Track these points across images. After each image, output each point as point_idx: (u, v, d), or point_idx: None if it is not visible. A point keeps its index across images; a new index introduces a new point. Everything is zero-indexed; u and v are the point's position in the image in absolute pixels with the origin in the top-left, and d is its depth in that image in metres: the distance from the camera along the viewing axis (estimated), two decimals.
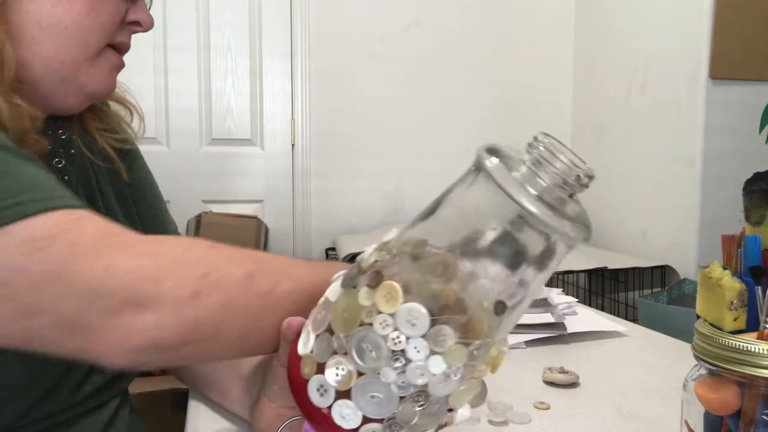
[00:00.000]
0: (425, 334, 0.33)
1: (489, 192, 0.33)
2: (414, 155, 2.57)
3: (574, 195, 0.34)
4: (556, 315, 0.91)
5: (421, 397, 0.34)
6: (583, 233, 0.33)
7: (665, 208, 2.15)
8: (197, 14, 2.37)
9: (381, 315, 0.34)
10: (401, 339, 0.33)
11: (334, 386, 0.35)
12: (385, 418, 0.35)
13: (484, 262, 0.35)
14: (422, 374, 0.34)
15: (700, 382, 0.40)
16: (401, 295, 0.34)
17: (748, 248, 0.40)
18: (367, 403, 0.35)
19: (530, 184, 0.33)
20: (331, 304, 0.37)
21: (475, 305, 0.35)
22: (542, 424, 0.62)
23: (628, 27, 2.37)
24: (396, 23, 2.54)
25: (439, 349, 0.34)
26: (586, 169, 0.33)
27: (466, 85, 2.62)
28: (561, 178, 0.33)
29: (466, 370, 0.35)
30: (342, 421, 0.35)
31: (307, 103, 2.47)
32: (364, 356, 0.34)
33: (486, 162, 0.33)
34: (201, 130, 2.41)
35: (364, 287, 0.35)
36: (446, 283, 0.34)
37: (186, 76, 2.37)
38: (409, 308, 0.33)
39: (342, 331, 0.35)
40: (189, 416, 0.65)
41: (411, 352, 0.34)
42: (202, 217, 2.17)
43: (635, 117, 2.31)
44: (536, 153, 0.33)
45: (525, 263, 0.35)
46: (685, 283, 1.99)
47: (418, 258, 0.35)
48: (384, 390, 0.34)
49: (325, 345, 0.36)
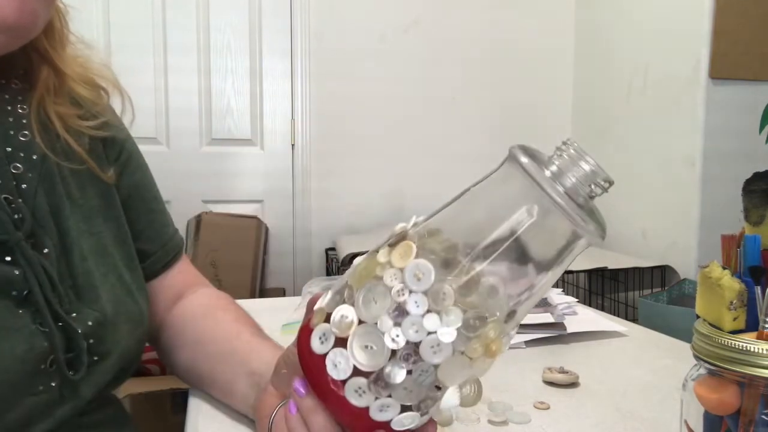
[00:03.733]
0: (427, 291, 0.35)
1: (521, 187, 0.35)
2: (414, 155, 2.57)
3: (594, 198, 0.37)
4: (556, 315, 0.91)
5: (411, 358, 0.36)
6: (600, 231, 0.36)
7: (665, 208, 2.15)
8: (197, 14, 2.37)
9: (392, 269, 0.36)
10: (405, 292, 0.35)
11: (335, 332, 0.37)
12: (374, 372, 0.36)
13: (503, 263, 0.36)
14: (417, 330, 0.35)
15: (700, 382, 0.40)
16: (414, 252, 0.36)
17: (747, 248, 0.40)
18: (360, 352, 0.36)
19: (559, 181, 0.36)
20: (354, 266, 0.40)
21: (491, 318, 0.36)
22: (542, 424, 0.62)
23: (628, 27, 2.37)
24: (396, 23, 2.54)
25: (437, 307, 0.35)
26: (606, 175, 0.36)
27: (466, 85, 2.62)
28: (586, 180, 0.36)
29: (459, 339, 0.35)
30: (333, 371, 0.37)
31: (307, 103, 2.47)
32: (369, 305, 0.36)
33: (521, 158, 0.35)
34: (201, 130, 2.41)
35: (384, 248, 0.38)
36: (467, 297, 0.36)
37: (186, 76, 2.37)
38: (418, 263, 0.35)
39: (356, 283, 0.38)
40: (189, 416, 0.65)
41: (411, 305, 0.35)
42: (202, 217, 2.17)
43: (635, 117, 2.31)
44: (565, 155, 0.36)
45: (543, 260, 0.37)
46: (685, 283, 1.99)
47: (449, 265, 0.36)
48: (378, 341, 0.36)
49: (337, 298, 0.39)
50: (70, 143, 0.58)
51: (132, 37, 2.30)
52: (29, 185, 0.54)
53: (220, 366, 0.63)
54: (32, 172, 0.54)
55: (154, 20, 2.34)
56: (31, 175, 0.54)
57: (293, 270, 2.52)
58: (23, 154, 0.55)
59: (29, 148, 0.55)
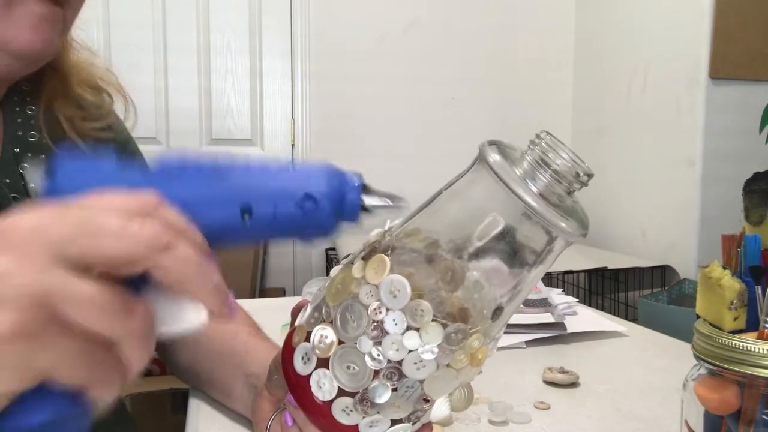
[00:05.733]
0: (404, 308, 0.34)
1: (491, 187, 0.33)
2: (414, 155, 2.57)
3: (573, 192, 0.35)
4: (556, 315, 0.91)
5: (394, 376, 0.35)
6: (580, 229, 0.34)
7: (665, 208, 2.15)
8: (197, 14, 2.37)
9: (368, 285, 0.35)
10: (382, 310, 0.34)
11: (316, 353, 0.36)
12: (358, 392, 0.35)
13: (485, 260, 0.35)
14: (397, 349, 0.34)
15: (700, 382, 0.40)
16: (389, 268, 0.35)
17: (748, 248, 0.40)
18: (343, 374, 0.35)
19: (531, 180, 0.34)
20: (330, 279, 0.38)
21: (477, 314, 0.35)
22: (542, 424, 0.62)
23: (628, 27, 2.37)
24: (396, 23, 2.54)
25: (416, 324, 0.34)
26: (585, 168, 0.34)
27: (466, 84, 2.62)
28: (561, 175, 0.34)
29: (443, 354, 0.34)
30: (318, 392, 0.36)
31: (307, 103, 2.47)
32: (347, 325, 0.35)
33: (489, 157, 0.34)
34: (201, 130, 2.41)
35: (359, 261, 0.37)
36: (452, 291, 0.35)
37: (186, 76, 2.37)
38: (392, 279, 0.34)
39: (332, 300, 0.36)
40: (189, 416, 0.65)
41: (389, 324, 0.34)
42: None
43: (635, 117, 2.31)
44: (538, 150, 0.34)
45: (524, 260, 0.35)
46: (685, 283, 1.99)
47: (432, 260, 0.35)
48: (359, 361, 0.35)
49: (316, 315, 0.38)
50: (77, 144, 0.59)
51: (132, 37, 2.30)
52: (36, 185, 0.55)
53: (218, 367, 0.63)
54: None
55: (154, 20, 2.34)
56: None
57: (293, 270, 2.52)
58: (31, 155, 0.56)
59: (37, 148, 0.57)
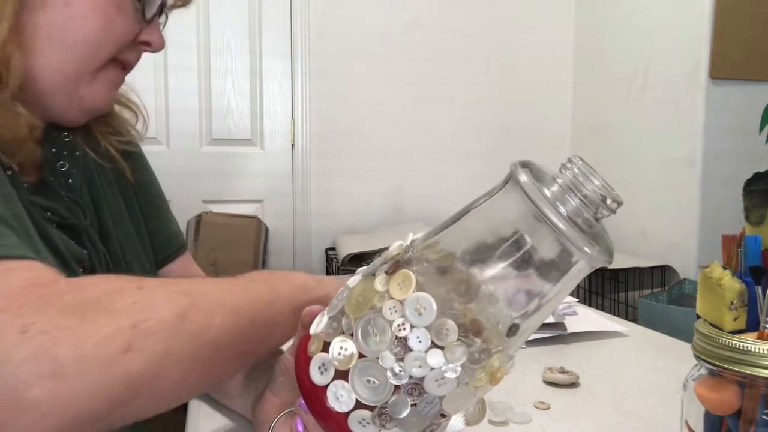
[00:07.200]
0: (429, 326, 0.34)
1: (519, 206, 0.34)
2: (414, 155, 2.57)
3: (600, 219, 0.35)
4: (556, 315, 0.91)
5: (415, 392, 0.35)
6: (605, 256, 0.34)
7: (665, 208, 2.15)
8: (197, 14, 2.37)
9: (391, 300, 0.35)
10: (406, 326, 0.34)
11: (334, 364, 0.36)
12: (377, 405, 0.35)
13: (505, 277, 0.35)
14: (420, 366, 0.34)
15: (700, 382, 0.40)
16: (414, 284, 0.34)
17: (748, 248, 0.40)
18: (362, 387, 0.35)
19: (561, 202, 0.34)
20: (349, 289, 0.38)
21: (491, 328, 0.35)
22: (542, 424, 0.62)
23: (628, 27, 2.37)
24: (396, 22, 2.54)
25: (441, 342, 0.34)
26: (614, 195, 0.34)
27: (467, 84, 2.62)
28: (591, 201, 0.34)
29: (465, 372, 0.34)
30: (335, 403, 0.36)
31: (307, 103, 2.47)
32: (369, 339, 0.35)
33: (520, 177, 0.34)
34: (201, 130, 2.41)
35: (381, 274, 0.36)
36: (466, 303, 0.35)
37: (186, 76, 2.37)
38: (418, 297, 0.34)
39: (353, 312, 0.36)
40: (189, 416, 0.65)
41: (413, 341, 0.34)
42: (202, 217, 2.17)
43: (635, 117, 2.31)
44: (569, 174, 0.34)
45: (544, 280, 0.35)
46: (685, 283, 1.99)
47: (446, 272, 0.35)
48: (380, 376, 0.35)
49: (334, 325, 0.37)
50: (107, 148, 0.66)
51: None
52: (75, 181, 0.60)
53: None
54: (76, 168, 0.61)
55: None
56: (75, 171, 0.61)
57: (293, 270, 2.52)
58: (66, 152, 0.61)
59: (72, 146, 0.62)
